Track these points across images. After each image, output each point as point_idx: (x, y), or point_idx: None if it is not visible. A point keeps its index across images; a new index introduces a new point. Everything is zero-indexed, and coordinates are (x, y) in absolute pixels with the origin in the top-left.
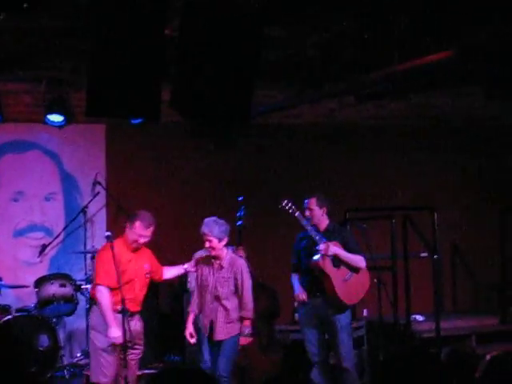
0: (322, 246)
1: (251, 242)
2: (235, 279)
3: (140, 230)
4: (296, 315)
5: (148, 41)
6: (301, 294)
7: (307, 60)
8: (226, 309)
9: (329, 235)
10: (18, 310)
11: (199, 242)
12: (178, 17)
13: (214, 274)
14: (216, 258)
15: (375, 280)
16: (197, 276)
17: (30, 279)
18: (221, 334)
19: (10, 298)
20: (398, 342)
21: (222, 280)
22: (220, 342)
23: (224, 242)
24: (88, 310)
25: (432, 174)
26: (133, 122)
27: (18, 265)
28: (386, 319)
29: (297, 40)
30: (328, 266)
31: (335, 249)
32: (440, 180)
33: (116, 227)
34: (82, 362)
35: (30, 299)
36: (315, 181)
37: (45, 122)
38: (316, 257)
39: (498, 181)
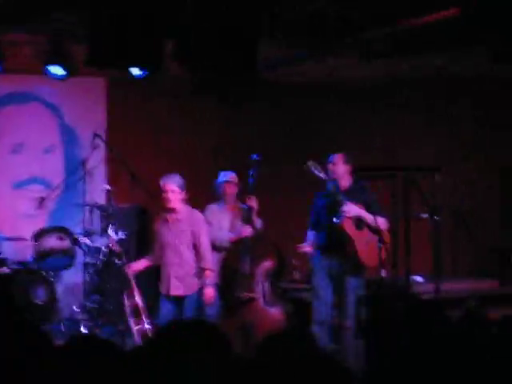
0: (345, 208)
1: (262, 201)
2: (192, 232)
3: None
4: (295, 272)
5: None
6: (305, 246)
7: (317, 16)
8: (184, 262)
9: (351, 195)
10: (15, 263)
11: (199, 199)
12: None
13: (170, 228)
14: (173, 211)
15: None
16: (156, 232)
17: (29, 232)
18: (178, 289)
19: (8, 250)
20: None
21: (180, 233)
22: (179, 299)
23: (182, 196)
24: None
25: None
26: (135, 75)
27: (16, 217)
28: (385, 279)
29: None
30: (350, 228)
31: (358, 211)
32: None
33: (116, 181)
34: (79, 317)
35: (28, 252)
36: (325, 140)
37: (45, 74)
38: (338, 218)
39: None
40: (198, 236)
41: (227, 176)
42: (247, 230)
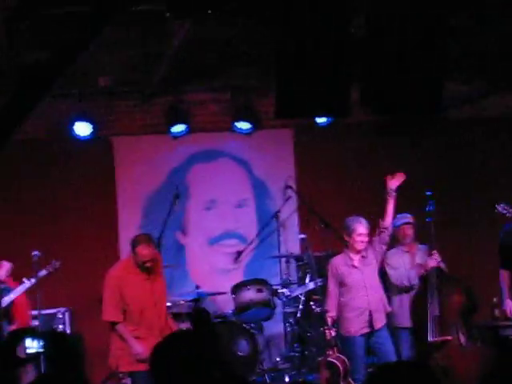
0: None
1: (441, 237)
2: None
3: None
4: (496, 311)
5: (333, 38)
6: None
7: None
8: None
9: None
10: (216, 317)
11: None
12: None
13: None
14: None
15: None
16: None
17: (227, 286)
18: (381, 321)
19: (208, 305)
20: None
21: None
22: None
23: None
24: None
25: None
26: (320, 122)
27: (214, 272)
28: None
29: (485, 29)
30: None
31: None
32: None
33: (308, 230)
34: (282, 367)
35: (227, 306)
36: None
37: (232, 130)
38: None
39: None
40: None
41: (407, 218)
42: (433, 261)
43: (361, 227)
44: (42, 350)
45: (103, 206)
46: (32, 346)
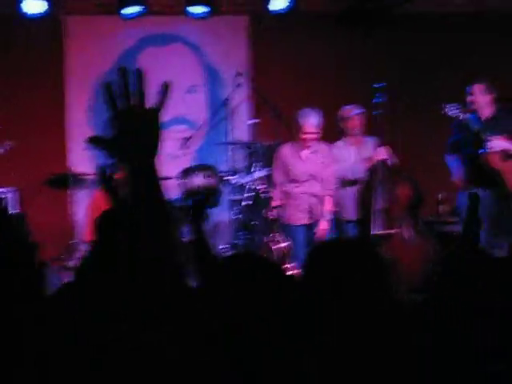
0: (490, 144)
1: (390, 131)
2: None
3: None
4: (440, 207)
5: None
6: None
7: None
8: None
9: (493, 125)
10: None
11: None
12: None
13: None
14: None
15: None
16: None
17: (174, 171)
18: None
19: None
20: None
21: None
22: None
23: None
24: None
25: None
26: (276, 10)
27: (162, 158)
28: None
29: None
30: (497, 162)
31: (504, 144)
32: None
33: (259, 119)
34: (227, 254)
35: (174, 191)
36: (463, 73)
37: (186, 15)
38: (482, 152)
39: None
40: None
41: (355, 109)
42: (380, 154)
43: (308, 124)
44: None
45: (52, 87)
46: None
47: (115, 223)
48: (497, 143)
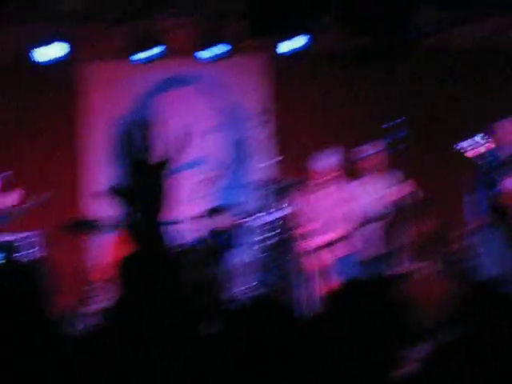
0: (503, 184)
1: (414, 164)
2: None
3: None
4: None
5: None
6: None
7: None
8: None
9: None
10: (189, 242)
11: None
12: None
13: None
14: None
15: None
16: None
17: (198, 212)
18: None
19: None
20: None
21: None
22: None
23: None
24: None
25: None
26: (295, 49)
27: (186, 199)
28: None
29: None
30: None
31: None
32: None
33: (284, 158)
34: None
35: (197, 231)
36: (479, 111)
37: (205, 56)
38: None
39: None
40: None
41: (377, 146)
42: (405, 188)
43: (318, 166)
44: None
45: (70, 132)
46: None
47: (138, 267)
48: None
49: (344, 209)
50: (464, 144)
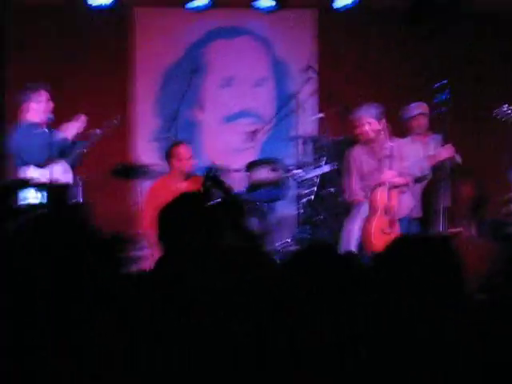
0: None
1: (455, 129)
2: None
3: None
4: (504, 208)
5: None
6: None
7: None
8: None
9: None
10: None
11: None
12: None
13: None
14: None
15: None
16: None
17: (241, 164)
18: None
19: None
20: None
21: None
22: None
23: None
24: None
25: None
26: (344, 6)
27: (228, 150)
28: None
29: None
30: None
31: None
32: None
33: (327, 113)
34: (291, 248)
35: (239, 184)
36: None
37: (255, 7)
38: None
39: None
40: None
41: (420, 107)
42: (446, 151)
43: (364, 118)
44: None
45: (118, 78)
46: (33, 197)
47: (178, 215)
48: None
49: (398, 165)
50: (502, 109)
